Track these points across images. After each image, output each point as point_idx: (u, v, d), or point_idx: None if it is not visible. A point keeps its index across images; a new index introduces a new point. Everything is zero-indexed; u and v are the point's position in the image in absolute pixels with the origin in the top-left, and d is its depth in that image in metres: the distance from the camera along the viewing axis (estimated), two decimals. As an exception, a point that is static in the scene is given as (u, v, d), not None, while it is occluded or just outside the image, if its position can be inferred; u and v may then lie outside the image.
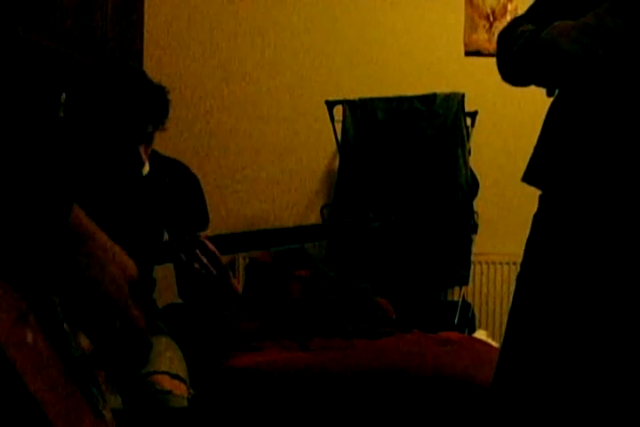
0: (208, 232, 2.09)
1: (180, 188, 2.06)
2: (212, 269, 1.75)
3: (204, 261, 1.74)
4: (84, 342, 1.00)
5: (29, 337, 0.77)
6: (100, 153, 1.84)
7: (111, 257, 0.87)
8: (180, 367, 1.86)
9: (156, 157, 2.08)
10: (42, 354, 0.79)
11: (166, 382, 1.76)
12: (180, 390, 1.76)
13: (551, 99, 1.51)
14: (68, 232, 0.82)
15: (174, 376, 1.79)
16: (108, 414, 0.95)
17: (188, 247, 1.75)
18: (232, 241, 1.82)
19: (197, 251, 1.75)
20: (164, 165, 2.08)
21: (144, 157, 1.87)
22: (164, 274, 2.31)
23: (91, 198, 1.78)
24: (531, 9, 1.51)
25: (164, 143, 3.64)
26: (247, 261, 3.40)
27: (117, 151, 1.84)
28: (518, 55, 1.42)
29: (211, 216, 2.16)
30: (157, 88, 1.91)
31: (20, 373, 0.71)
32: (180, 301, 2.16)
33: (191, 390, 1.82)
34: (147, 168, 2.01)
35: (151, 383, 1.74)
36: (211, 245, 1.76)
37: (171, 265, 1.90)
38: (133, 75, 1.87)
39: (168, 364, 1.83)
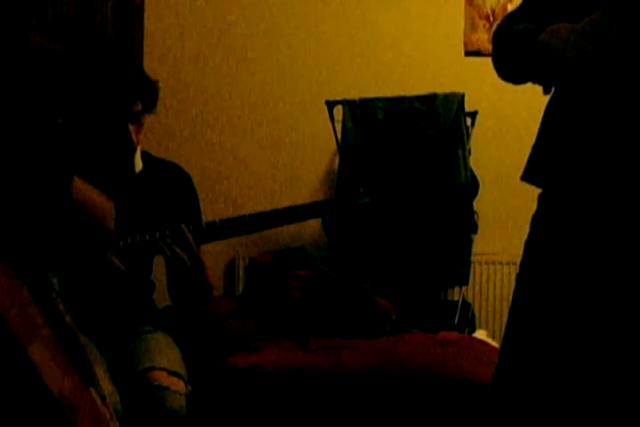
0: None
1: (173, 187, 2.07)
2: (186, 259, 1.78)
3: (178, 250, 1.77)
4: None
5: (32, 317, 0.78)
6: (92, 133, 1.87)
7: (90, 202, 0.89)
8: (177, 364, 1.87)
9: (149, 158, 2.09)
10: (36, 323, 0.79)
11: (164, 379, 1.76)
12: (178, 386, 1.77)
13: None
14: (70, 202, 0.84)
15: (172, 373, 1.80)
16: (104, 386, 0.96)
17: (166, 237, 1.77)
18: (225, 226, 1.84)
19: (174, 240, 1.78)
20: (157, 166, 2.09)
21: (134, 136, 1.89)
22: (164, 276, 2.31)
23: None
24: (524, 3, 1.51)
25: (164, 142, 3.64)
26: (247, 261, 3.40)
27: (108, 129, 1.86)
28: (515, 56, 1.42)
29: (209, 216, 2.16)
30: (142, 73, 1.97)
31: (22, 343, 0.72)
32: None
33: (189, 387, 1.82)
34: (139, 165, 2.02)
35: (149, 380, 1.75)
36: (189, 237, 1.78)
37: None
38: (121, 60, 1.94)
39: (166, 360, 1.84)
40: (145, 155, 2.09)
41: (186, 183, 2.13)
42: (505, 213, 3.69)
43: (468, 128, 3.42)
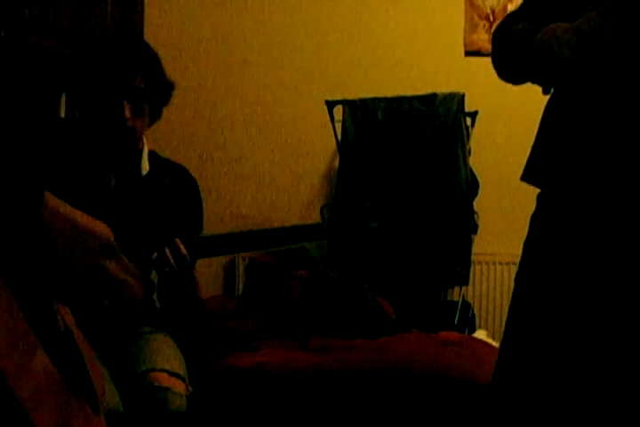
0: (205, 232, 2.08)
1: (178, 190, 2.05)
2: (177, 270, 1.74)
3: (171, 261, 1.73)
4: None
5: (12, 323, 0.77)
6: (86, 106, 1.85)
7: (79, 228, 0.87)
8: (178, 365, 1.86)
9: (156, 160, 2.07)
10: (27, 341, 0.78)
11: (165, 380, 1.75)
12: (179, 387, 1.76)
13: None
14: (41, 222, 0.81)
15: (173, 374, 1.79)
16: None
17: (159, 246, 1.74)
18: (229, 241, 1.81)
19: (167, 250, 1.74)
20: (164, 168, 2.07)
21: (127, 113, 1.85)
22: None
23: (89, 197, 1.78)
24: (524, 4, 1.51)
25: (164, 142, 3.64)
26: (247, 261, 3.40)
27: (102, 103, 1.84)
28: (513, 56, 1.42)
29: (209, 216, 2.16)
30: (145, 45, 1.95)
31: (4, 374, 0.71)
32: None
33: (190, 388, 1.82)
34: (146, 168, 2.01)
35: (150, 381, 1.74)
36: (182, 248, 1.74)
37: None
38: (124, 34, 1.93)
39: (167, 362, 1.83)
40: (152, 155, 2.06)
41: (191, 189, 2.10)
42: (505, 213, 3.69)
43: (467, 128, 3.42)
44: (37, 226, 0.79)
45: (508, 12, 3.88)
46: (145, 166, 2.01)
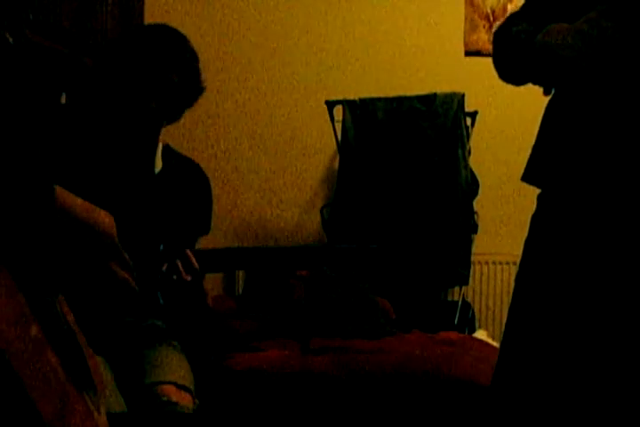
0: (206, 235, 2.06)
1: (190, 190, 2.00)
2: (189, 283, 1.65)
3: (183, 275, 1.65)
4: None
5: (32, 330, 0.78)
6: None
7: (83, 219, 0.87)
8: (186, 377, 1.81)
9: (170, 155, 2.02)
10: (36, 343, 0.79)
11: (173, 394, 1.71)
12: (186, 401, 1.72)
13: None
14: (54, 214, 0.82)
15: (181, 387, 1.75)
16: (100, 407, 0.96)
17: (169, 257, 1.66)
18: (234, 257, 1.76)
19: (179, 262, 1.66)
20: (177, 165, 2.02)
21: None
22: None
23: (98, 195, 1.76)
24: (525, 5, 1.51)
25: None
26: (247, 261, 3.40)
27: (131, 86, 1.82)
28: (514, 57, 1.42)
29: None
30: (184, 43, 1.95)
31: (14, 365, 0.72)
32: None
33: (197, 401, 1.78)
34: (159, 165, 1.96)
35: (157, 394, 1.70)
36: (194, 262, 1.68)
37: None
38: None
39: (174, 374, 1.79)
40: (167, 150, 2.02)
41: (203, 189, 2.04)
42: (505, 213, 3.69)
43: (467, 128, 3.42)
44: (47, 221, 0.80)
45: (508, 11, 3.89)
46: (158, 164, 1.96)
